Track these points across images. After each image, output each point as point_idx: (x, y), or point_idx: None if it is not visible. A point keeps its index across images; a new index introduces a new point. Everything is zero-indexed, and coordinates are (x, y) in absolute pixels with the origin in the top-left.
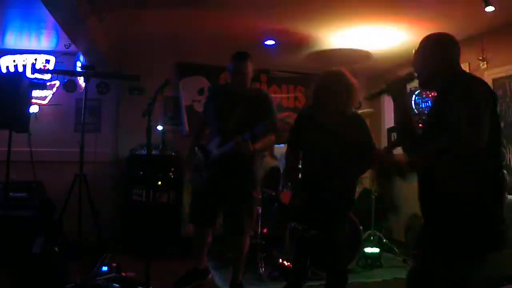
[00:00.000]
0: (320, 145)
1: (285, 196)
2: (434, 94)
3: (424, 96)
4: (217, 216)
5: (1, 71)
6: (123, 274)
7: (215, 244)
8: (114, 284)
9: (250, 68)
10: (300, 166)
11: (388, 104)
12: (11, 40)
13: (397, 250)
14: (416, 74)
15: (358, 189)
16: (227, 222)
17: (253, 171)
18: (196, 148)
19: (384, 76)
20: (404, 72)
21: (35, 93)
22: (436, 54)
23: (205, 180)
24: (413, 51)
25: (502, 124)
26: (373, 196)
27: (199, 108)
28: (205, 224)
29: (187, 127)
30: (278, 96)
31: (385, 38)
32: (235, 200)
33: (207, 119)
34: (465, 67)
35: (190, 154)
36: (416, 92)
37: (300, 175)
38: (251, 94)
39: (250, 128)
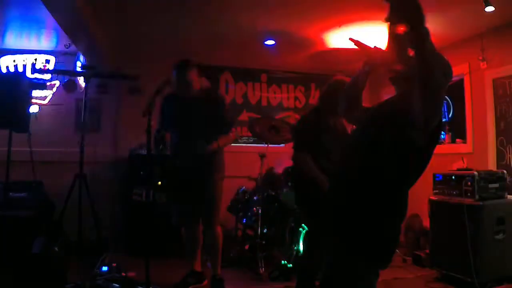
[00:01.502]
0: (336, 148)
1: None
2: None
3: None
4: (198, 213)
5: (1, 71)
6: (123, 274)
7: None
8: (114, 284)
9: (192, 75)
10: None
11: None
12: (11, 40)
13: (396, 250)
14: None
15: None
16: (198, 215)
17: (217, 162)
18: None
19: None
20: None
21: (35, 93)
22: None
23: (177, 183)
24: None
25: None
26: None
27: None
28: (191, 224)
29: None
30: (278, 96)
31: (386, 38)
32: (203, 192)
33: (166, 126)
34: (465, 67)
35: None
36: None
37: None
38: (201, 98)
39: (209, 128)
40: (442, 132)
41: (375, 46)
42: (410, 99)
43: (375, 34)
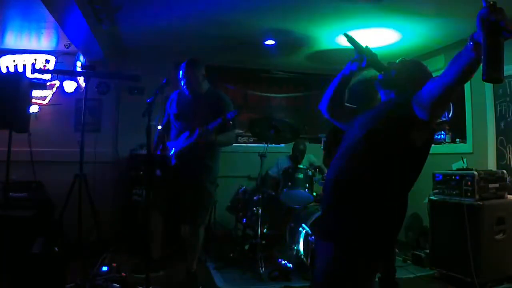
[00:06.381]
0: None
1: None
2: None
3: None
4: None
5: (1, 71)
6: (123, 274)
7: (216, 244)
8: (114, 284)
9: (197, 73)
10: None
11: None
12: (11, 40)
13: (397, 250)
14: (385, 75)
15: None
16: (183, 213)
17: (211, 166)
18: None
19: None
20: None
21: (35, 93)
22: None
23: (167, 171)
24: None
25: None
26: None
27: None
28: (168, 213)
29: None
30: (278, 96)
31: (385, 38)
32: (191, 192)
33: (168, 123)
34: None
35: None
36: None
37: None
38: (206, 96)
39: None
40: (442, 132)
41: (366, 46)
42: (411, 101)
43: (374, 34)
